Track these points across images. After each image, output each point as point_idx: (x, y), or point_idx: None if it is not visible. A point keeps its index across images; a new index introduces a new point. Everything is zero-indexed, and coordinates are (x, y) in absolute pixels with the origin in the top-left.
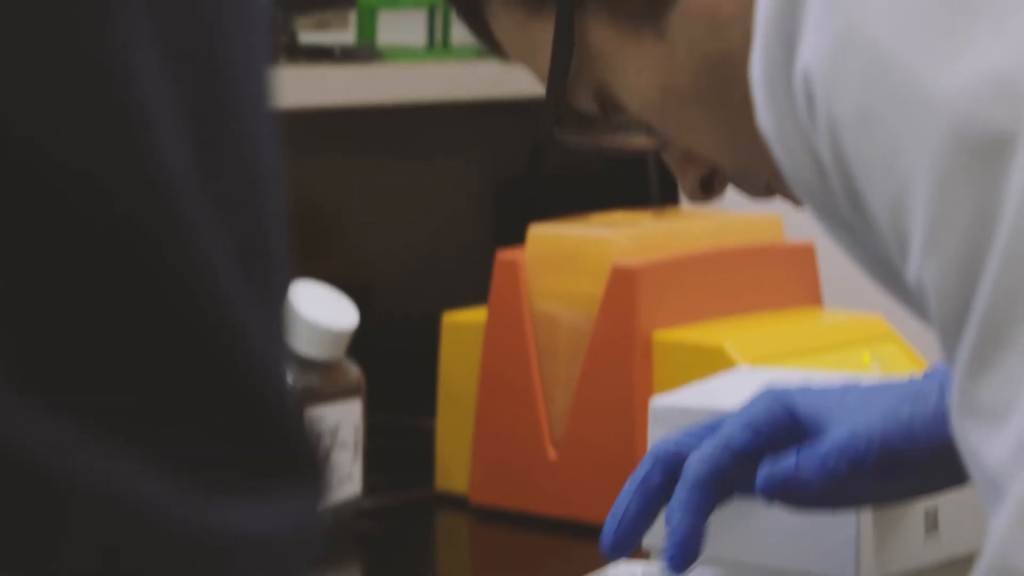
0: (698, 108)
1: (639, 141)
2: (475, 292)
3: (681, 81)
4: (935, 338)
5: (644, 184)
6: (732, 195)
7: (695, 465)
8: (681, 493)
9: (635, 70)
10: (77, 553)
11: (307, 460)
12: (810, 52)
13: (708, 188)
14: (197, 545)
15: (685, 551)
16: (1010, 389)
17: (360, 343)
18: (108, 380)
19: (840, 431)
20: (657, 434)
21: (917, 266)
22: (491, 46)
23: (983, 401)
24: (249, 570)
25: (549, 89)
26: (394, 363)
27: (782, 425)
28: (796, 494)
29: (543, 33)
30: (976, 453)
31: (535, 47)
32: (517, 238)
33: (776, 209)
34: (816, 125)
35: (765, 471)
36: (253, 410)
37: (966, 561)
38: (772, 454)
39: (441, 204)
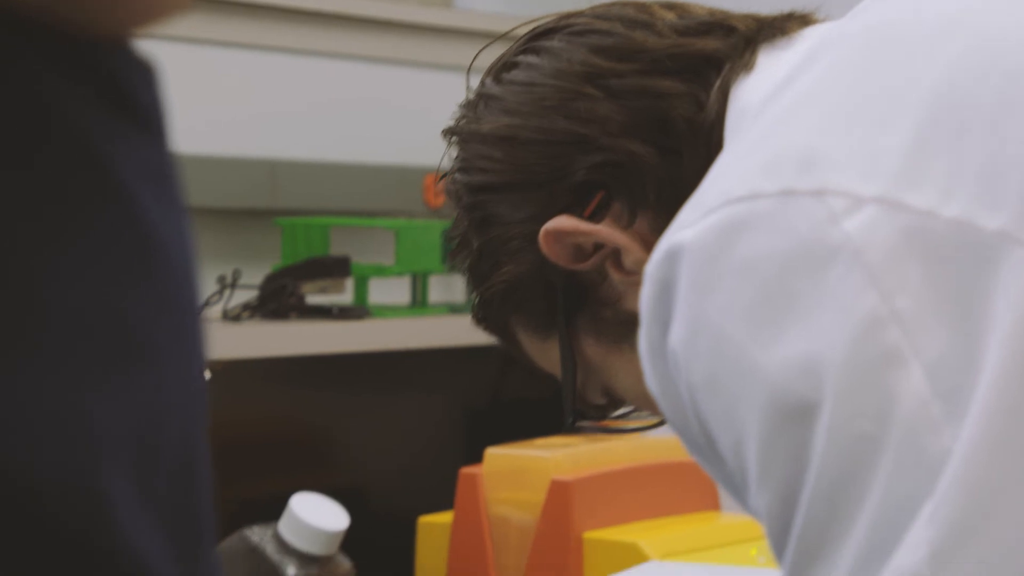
0: None
1: (645, 422)
2: (444, 500)
3: None
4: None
5: None
6: None
7: None
8: None
9: (623, 375)
10: None
11: None
12: (675, 335)
13: None
14: None
15: None
16: None
17: (355, 537)
18: None
19: None
20: None
21: (754, 496)
22: (525, 359)
23: None
24: None
25: (565, 393)
26: (382, 554)
27: None
28: None
29: (555, 352)
30: None
31: (552, 362)
32: (478, 457)
33: None
34: (680, 389)
35: None
36: None
37: None
38: None
39: (418, 429)
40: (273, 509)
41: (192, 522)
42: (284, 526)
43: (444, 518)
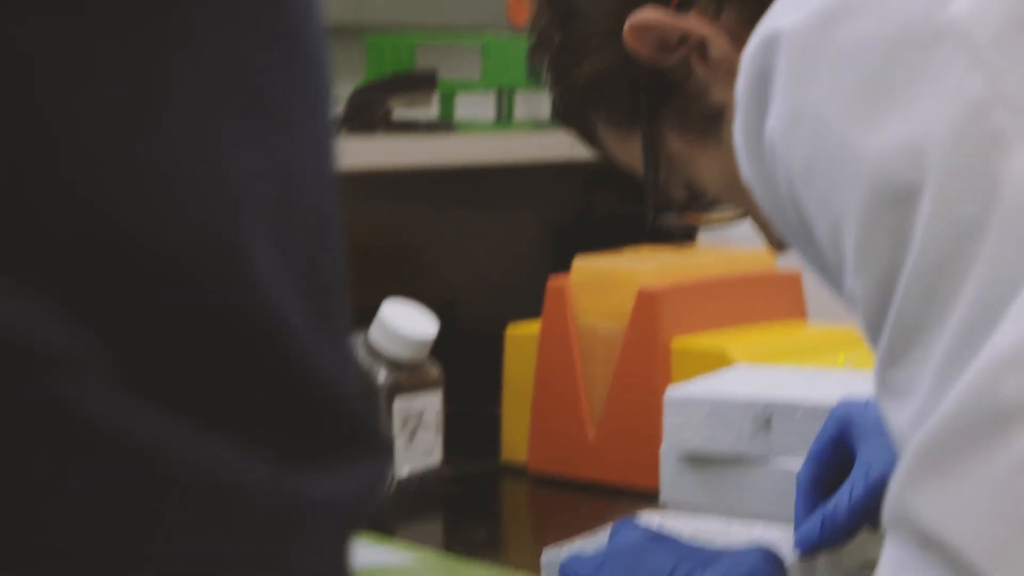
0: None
1: (726, 215)
2: (532, 309)
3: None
4: (864, 334)
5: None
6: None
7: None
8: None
9: (707, 169)
10: (175, 520)
11: (370, 442)
12: (773, 121)
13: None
14: (273, 509)
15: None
16: (912, 375)
17: (443, 349)
18: (203, 387)
19: (858, 485)
20: (672, 417)
21: (850, 282)
22: (605, 155)
23: (894, 382)
24: (317, 532)
25: (646, 187)
26: (470, 364)
27: (835, 446)
28: (826, 544)
29: (636, 147)
30: (889, 420)
31: (633, 157)
32: (565, 268)
33: None
34: (777, 176)
35: (796, 536)
36: (322, 404)
37: None
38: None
39: (506, 242)
40: (360, 321)
41: (326, 284)
42: (375, 332)
43: (532, 328)
